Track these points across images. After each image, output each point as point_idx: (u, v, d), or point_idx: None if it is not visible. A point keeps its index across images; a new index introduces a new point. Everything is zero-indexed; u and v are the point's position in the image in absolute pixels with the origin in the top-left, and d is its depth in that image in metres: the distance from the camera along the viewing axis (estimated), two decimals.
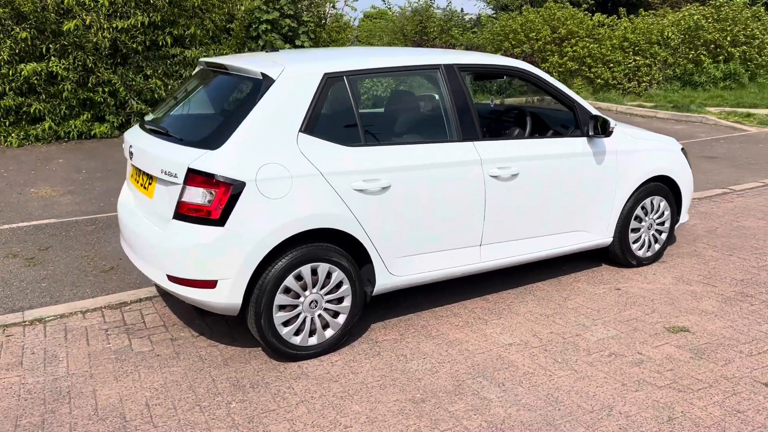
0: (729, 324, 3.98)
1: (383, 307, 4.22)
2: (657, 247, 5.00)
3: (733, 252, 5.26)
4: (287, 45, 11.87)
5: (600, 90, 15.87)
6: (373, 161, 3.63)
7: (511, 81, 11.10)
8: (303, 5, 12.25)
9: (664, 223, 4.99)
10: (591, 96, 15.39)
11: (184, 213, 3.37)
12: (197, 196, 3.32)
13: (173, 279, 3.45)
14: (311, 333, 3.58)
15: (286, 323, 3.50)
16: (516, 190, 4.13)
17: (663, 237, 5.01)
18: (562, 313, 4.15)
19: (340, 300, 3.64)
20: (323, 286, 3.56)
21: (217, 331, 3.92)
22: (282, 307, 3.47)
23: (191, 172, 3.31)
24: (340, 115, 3.74)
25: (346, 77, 3.68)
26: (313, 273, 3.51)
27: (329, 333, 3.63)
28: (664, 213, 4.96)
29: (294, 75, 3.54)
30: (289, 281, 3.45)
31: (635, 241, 4.86)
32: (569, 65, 16.32)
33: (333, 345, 3.66)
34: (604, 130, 4.42)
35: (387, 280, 3.79)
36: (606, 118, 4.44)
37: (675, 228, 5.14)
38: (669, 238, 5.06)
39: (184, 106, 4.10)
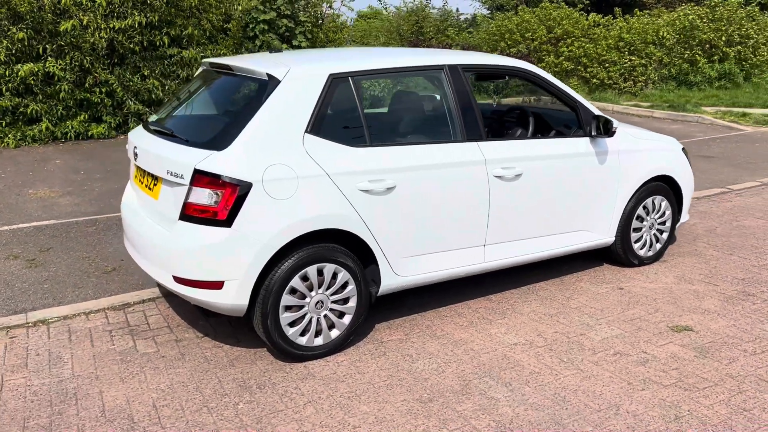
0: (732, 323, 4.01)
1: (387, 308, 4.22)
2: (658, 247, 5.02)
3: (734, 251, 5.28)
4: (284, 45, 11.86)
5: (596, 90, 15.92)
6: (379, 162, 3.64)
7: (508, 81, 11.13)
8: (300, 5, 12.24)
9: (665, 223, 5.01)
10: (587, 96, 15.42)
11: (190, 214, 3.36)
12: (204, 197, 3.31)
13: (179, 280, 3.44)
14: (317, 333, 3.59)
15: (292, 324, 3.50)
16: (520, 190, 4.15)
17: (664, 236, 5.04)
18: (565, 313, 4.17)
19: (345, 300, 3.64)
20: (329, 286, 3.57)
21: (222, 332, 3.91)
22: (288, 308, 3.48)
23: (198, 173, 3.30)
24: (345, 116, 3.74)
25: (351, 78, 3.69)
26: (319, 273, 3.52)
27: (335, 333, 3.64)
28: (665, 212, 4.99)
29: (300, 76, 3.54)
30: (296, 282, 3.45)
31: (637, 241, 4.89)
32: (565, 65, 16.36)
33: (338, 345, 3.66)
34: (606, 130, 4.44)
35: (392, 280, 3.80)
36: (608, 118, 4.46)
37: (676, 227, 5.16)
38: (670, 237, 5.09)
39: (188, 106, 4.09)
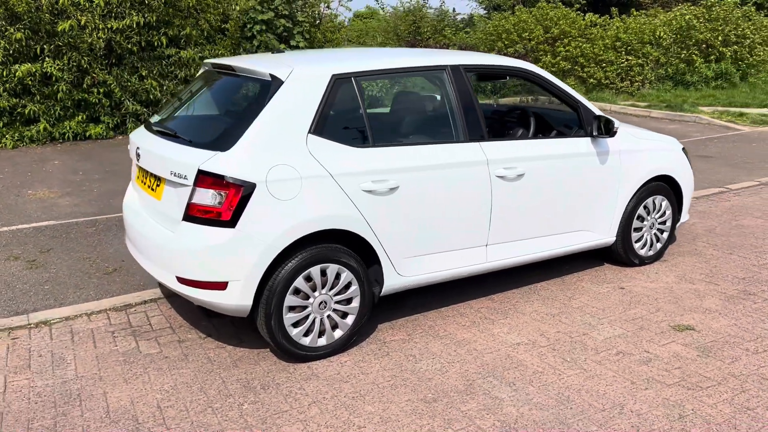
0: (733, 322, 4.02)
1: (390, 308, 4.22)
2: (659, 246, 5.04)
3: (734, 250, 5.30)
4: (282, 45, 11.86)
5: (593, 89, 15.96)
6: (382, 162, 3.64)
7: (506, 81, 11.13)
8: (297, 5, 12.23)
9: (665, 223, 5.03)
10: (584, 96, 15.36)
11: (194, 215, 3.36)
12: (207, 197, 3.31)
13: (183, 281, 3.44)
14: (320, 334, 3.59)
15: (295, 324, 3.50)
16: (522, 190, 4.15)
17: (665, 236, 5.05)
18: (567, 313, 4.18)
19: (349, 301, 3.64)
20: (332, 287, 3.57)
21: (225, 333, 3.91)
22: (292, 308, 3.47)
23: (201, 173, 3.30)
24: (348, 117, 3.74)
25: (354, 78, 3.69)
26: (323, 274, 3.52)
27: (338, 334, 3.64)
28: (665, 212, 5.00)
29: (303, 76, 3.54)
30: (299, 282, 3.45)
31: (637, 240, 4.90)
32: (562, 65, 16.39)
33: (342, 346, 3.66)
34: (608, 130, 4.45)
35: (395, 280, 3.80)
36: (610, 118, 4.47)
37: (676, 227, 5.18)
38: (670, 237, 5.11)
39: (190, 107, 4.09)
